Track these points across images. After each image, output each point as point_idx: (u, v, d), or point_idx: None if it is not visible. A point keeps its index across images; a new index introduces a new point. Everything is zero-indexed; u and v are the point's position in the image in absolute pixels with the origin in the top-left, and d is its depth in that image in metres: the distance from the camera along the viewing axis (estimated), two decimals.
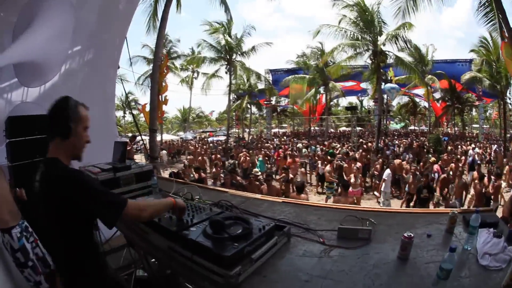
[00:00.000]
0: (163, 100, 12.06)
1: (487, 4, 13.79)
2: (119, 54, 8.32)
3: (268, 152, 19.41)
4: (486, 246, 1.99)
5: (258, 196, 3.81)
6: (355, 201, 8.99)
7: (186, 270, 2.10)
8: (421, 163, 13.82)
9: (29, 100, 5.65)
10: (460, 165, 13.62)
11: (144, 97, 40.67)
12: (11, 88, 5.50)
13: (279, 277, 1.92)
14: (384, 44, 23.00)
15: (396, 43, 23.03)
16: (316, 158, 15.75)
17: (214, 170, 12.79)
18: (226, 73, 33.70)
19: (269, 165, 17.51)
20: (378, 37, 22.74)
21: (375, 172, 13.65)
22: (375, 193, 12.48)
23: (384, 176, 10.58)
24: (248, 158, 15.94)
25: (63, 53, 5.74)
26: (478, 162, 14.46)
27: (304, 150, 20.31)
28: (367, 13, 23.05)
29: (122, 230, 3.18)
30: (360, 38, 23.79)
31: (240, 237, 2.06)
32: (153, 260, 3.92)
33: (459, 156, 15.66)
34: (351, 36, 24.08)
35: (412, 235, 1.98)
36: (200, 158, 18.30)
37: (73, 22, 5.56)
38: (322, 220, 2.71)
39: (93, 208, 1.89)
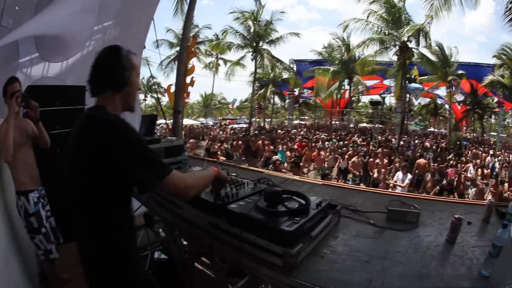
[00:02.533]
0: (190, 81, 12.05)
1: None
2: (145, 35, 8.31)
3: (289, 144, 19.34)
4: None
5: (297, 177, 3.77)
6: None
7: (232, 250, 1.91)
8: (443, 164, 13.61)
9: (49, 75, 5.70)
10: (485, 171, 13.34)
11: (166, 81, 40.71)
12: (32, 63, 5.53)
13: (338, 257, 1.83)
14: (410, 41, 22.71)
15: (420, 39, 22.90)
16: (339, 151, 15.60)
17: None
18: (252, 60, 33.63)
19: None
20: (405, 33, 22.42)
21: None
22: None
23: (395, 178, 10.40)
24: (270, 147, 15.88)
25: (88, 30, 5.76)
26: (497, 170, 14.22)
27: (326, 143, 20.12)
28: (394, 9, 22.92)
29: (147, 204, 3.06)
30: (387, 33, 23.59)
31: (299, 212, 1.90)
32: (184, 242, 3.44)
33: (480, 163, 15.45)
34: (378, 31, 23.86)
35: (462, 217, 2.01)
36: (220, 144, 18.36)
37: None
38: (367, 203, 2.71)
39: (129, 163, 1.60)
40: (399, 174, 10.26)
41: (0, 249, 2.73)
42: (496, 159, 19.04)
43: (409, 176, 10.22)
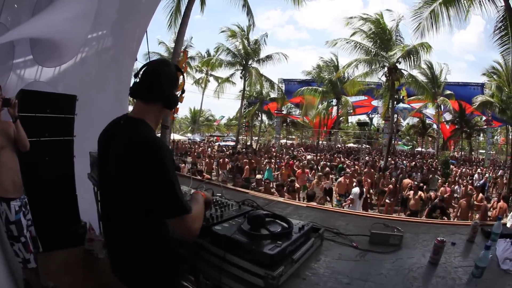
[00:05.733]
0: (179, 97, 12.02)
1: (502, 28, 14.10)
2: (138, 46, 8.32)
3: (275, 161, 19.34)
4: (506, 253, 2.14)
5: (281, 199, 3.77)
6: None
7: (214, 270, 1.88)
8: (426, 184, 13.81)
9: (42, 80, 5.62)
10: (469, 187, 13.74)
11: None
12: (26, 65, 5.46)
13: (319, 280, 1.85)
14: (399, 62, 23.08)
15: (410, 61, 23.13)
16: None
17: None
18: (241, 78, 34.12)
19: (275, 175, 17.40)
20: (395, 55, 22.80)
21: (384, 188, 13.48)
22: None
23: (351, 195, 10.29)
24: (252, 165, 15.86)
25: (82, 37, 5.71)
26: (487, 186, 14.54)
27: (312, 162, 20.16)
28: (387, 32, 23.50)
29: None
30: (376, 54, 24.00)
31: (281, 236, 1.91)
32: None
33: (465, 179, 15.84)
34: (367, 51, 24.32)
35: (445, 239, 2.05)
36: (207, 160, 18.34)
37: (96, 6, 5.53)
38: (351, 226, 2.73)
39: (152, 191, 1.59)
40: (355, 189, 10.18)
41: None
42: (486, 175, 19.39)
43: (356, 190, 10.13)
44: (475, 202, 10.52)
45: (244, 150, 27.17)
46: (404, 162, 26.41)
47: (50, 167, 4.63)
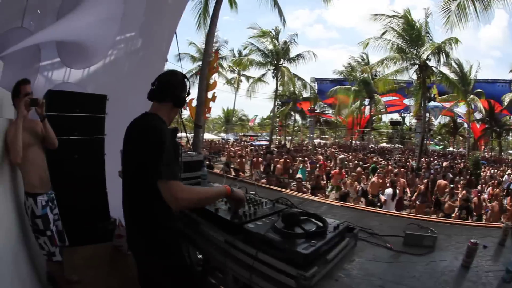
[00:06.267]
0: (212, 97, 12.10)
1: None
2: (168, 47, 8.45)
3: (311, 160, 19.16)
4: None
5: (315, 198, 3.72)
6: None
7: (245, 269, 1.88)
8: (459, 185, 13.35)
9: (70, 81, 5.77)
10: (497, 190, 13.18)
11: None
12: (53, 67, 5.63)
13: (352, 281, 1.78)
14: (429, 59, 22.61)
15: (441, 58, 22.76)
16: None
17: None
18: (273, 77, 34.21)
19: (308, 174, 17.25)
20: (425, 51, 22.32)
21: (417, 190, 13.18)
22: None
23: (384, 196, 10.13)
24: (287, 165, 15.78)
25: (110, 39, 5.84)
26: None
27: (345, 162, 19.90)
28: (414, 27, 23.04)
29: None
30: (405, 51, 23.58)
31: (316, 235, 1.86)
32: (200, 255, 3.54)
33: (493, 181, 15.23)
34: (397, 49, 23.96)
35: (478, 241, 1.96)
36: (238, 160, 18.36)
37: (122, 9, 5.64)
38: (385, 226, 2.66)
39: (150, 157, 1.89)
40: (388, 190, 10.01)
41: (10, 245, 2.76)
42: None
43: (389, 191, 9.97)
44: (507, 206, 10.13)
45: (277, 149, 27.09)
46: (437, 162, 25.68)
47: (80, 164, 4.74)
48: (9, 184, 3.09)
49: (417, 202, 11.69)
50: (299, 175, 11.96)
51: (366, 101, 36.54)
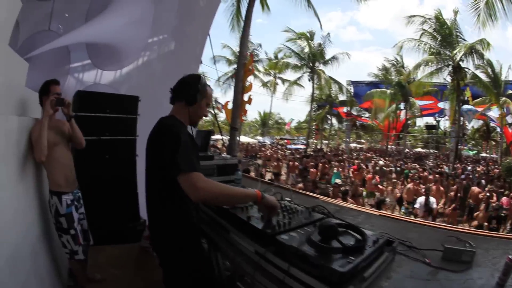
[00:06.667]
0: (247, 99, 12.10)
1: None
2: (202, 50, 8.54)
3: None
4: None
5: (353, 206, 3.59)
6: None
7: (275, 284, 1.75)
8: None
9: (102, 82, 5.85)
10: None
11: (224, 97, 41.63)
12: (84, 69, 5.74)
13: None
14: (462, 60, 22.25)
15: (474, 58, 22.30)
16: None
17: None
18: (309, 80, 34.34)
19: (344, 179, 16.96)
20: (458, 52, 21.99)
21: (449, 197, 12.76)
22: None
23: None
24: (324, 169, 15.61)
25: (141, 41, 5.91)
26: None
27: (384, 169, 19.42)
28: (445, 26, 22.71)
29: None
30: (440, 52, 23.29)
31: (354, 250, 1.71)
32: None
33: None
34: (431, 50, 23.71)
35: None
36: (276, 163, 18.29)
37: (152, 12, 5.69)
38: (423, 238, 2.52)
39: (168, 151, 1.94)
40: (421, 199, 9.70)
41: (29, 241, 2.79)
42: None
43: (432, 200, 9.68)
44: None
45: (313, 153, 26.90)
46: (471, 168, 24.65)
47: (111, 165, 4.77)
48: (32, 182, 3.13)
49: (449, 210, 11.31)
50: (337, 180, 11.79)
51: (402, 105, 35.85)
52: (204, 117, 2.47)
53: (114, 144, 4.85)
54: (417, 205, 9.48)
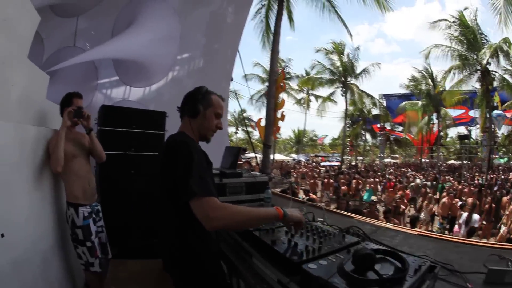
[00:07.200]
0: (280, 116, 12.06)
1: None
2: (232, 67, 8.57)
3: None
4: None
5: (390, 225, 3.39)
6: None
7: None
8: None
9: (131, 99, 5.93)
10: None
11: (258, 115, 41.88)
12: (111, 85, 5.84)
13: None
14: (489, 63, 21.78)
15: (500, 60, 21.77)
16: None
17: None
18: (342, 95, 34.45)
19: (378, 195, 16.58)
20: (484, 55, 21.56)
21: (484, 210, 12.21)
22: None
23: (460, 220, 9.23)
24: (358, 186, 15.37)
25: (169, 58, 5.98)
26: None
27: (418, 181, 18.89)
28: (469, 29, 22.36)
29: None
30: (466, 57, 22.95)
31: (393, 282, 1.44)
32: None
33: None
34: (458, 53, 23.39)
35: None
36: (311, 180, 18.14)
37: (179, 29, 5.75)
38: (465, 259, 2.26)
39: (181, 173, 1.76)
40: (464, 215, 9.11)
41: (41, 249, 2.82)
42: None
43: (476, 217, 9.04)
44: None
45: (347, 170, 26.58)
46: (503, 177, 23.46)
47: (137, 180, 4.76)
48: (49, 192, 3.17)
49: (484, 223, 10.78)
50: (373, 197, 11.55)
51: (434, 116, 35.10)
52: (218, 129, 2.20)
53: (140, 159, 4.84)
54: (460, 221, 9.05)
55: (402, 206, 10.46)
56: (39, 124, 3.14)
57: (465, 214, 9.00)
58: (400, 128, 41.47)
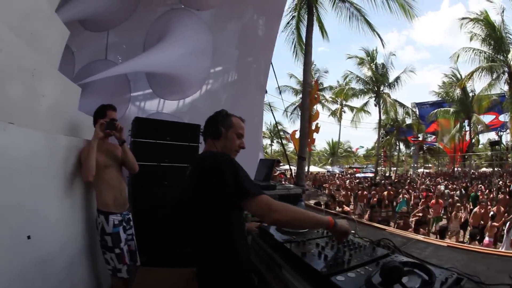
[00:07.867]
0: (315, 127, 12.00)
1: None
2: (266, 79, 8.64)
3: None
4: None
5: (420, 237, 3.36)
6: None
7: None
8: None
9: (165, 111, 6.02)
10: None
11: (292, 127, 41.77)
12: (145, 97, 5.95)
13: None
14: None
15: None
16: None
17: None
18: (375, 105, 34.11)
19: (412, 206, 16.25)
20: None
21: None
22: None
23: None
24: (390, 197, 15.09)
25: (203, 71, 6.08)
26: None
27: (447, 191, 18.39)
28: (496, 29, 21.77)
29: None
30: (493, 59, 22.23)
31: None
32: None
33: None
34: (486, 57, 22.69)
35: None
36: (344, 192, 17.97)
37: (212, 42, 5.82)
38: (492, 271, 2.20)
39: (228, 181, 1.79)
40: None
41: (68, 252, 2.92)
42: None
43: None
44: None
45: (382, 181, 26.14)
46: None
47: (170, 191, 4.76)
48: (80, 199, 3.29)
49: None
50: (403, 208, 11.32)
51: (465, 123, 34.14)
52: (241, 149, 2.29)
53: (174, 170, 4.90)
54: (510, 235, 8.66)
55: (429, 215, 10.26)
56: (71, 134, 3.27)
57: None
58: (433, 137, 40.67)
